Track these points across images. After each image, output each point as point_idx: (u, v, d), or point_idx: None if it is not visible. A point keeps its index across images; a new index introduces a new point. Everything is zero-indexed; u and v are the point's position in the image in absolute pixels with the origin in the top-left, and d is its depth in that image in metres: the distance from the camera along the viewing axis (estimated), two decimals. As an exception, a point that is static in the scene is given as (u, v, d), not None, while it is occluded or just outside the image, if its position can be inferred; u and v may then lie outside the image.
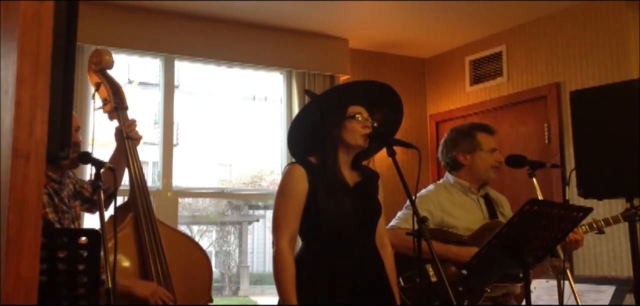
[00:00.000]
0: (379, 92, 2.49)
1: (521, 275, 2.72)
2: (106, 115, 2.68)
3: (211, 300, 2.66)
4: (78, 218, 2.48)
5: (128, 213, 2.51)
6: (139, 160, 2.62)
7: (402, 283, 2.66)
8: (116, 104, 2.62)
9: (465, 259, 2.68)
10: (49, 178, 2.28)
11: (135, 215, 2.51)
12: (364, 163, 2.51)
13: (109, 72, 2.70)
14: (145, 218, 2.51)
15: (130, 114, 2.69)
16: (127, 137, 2.60)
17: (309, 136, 2.43)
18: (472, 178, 2.95)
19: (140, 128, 2.71)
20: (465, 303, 2.64)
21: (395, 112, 2.54)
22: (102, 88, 2.64)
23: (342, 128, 2.37)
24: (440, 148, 3.09)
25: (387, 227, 2.70)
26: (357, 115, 2.36)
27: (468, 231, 2.83)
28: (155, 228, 2.51)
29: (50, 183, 2.28)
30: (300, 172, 2.35)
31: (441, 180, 3.07)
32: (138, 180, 2.56)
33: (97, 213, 2.74)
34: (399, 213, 2.92)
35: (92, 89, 2.69)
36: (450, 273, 2.69)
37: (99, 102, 2.69)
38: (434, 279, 2.69)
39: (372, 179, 2.50)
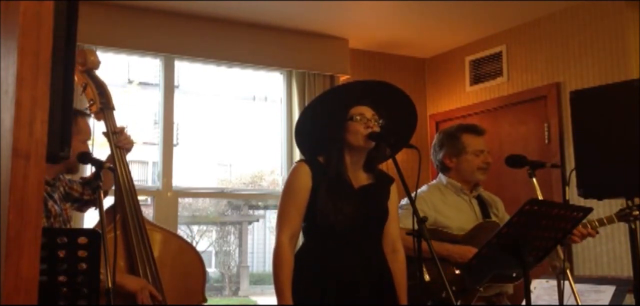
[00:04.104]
0: (384, 92, 2.49)
1: (514, 275, 2.75)
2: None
3: (205, 300, 2.66)
4: (69, 221, 2.47)
5: (115, 215, 2.51)
6: (126, 162, 2.62)
7: None
8: (102, 105, 2.62)
9: (458, 256, 2.70)
10: None
11: (123, 216, 2.51)
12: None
13: (97, 72, 2.70)
14: (133, 220, 2.51)
15: (130, 114, 2.69)
16: (117, 146, 2.60)
17: (316, 135, 2.44)
18: (461, 180, 2.95)
19: (140, 128, 2.71)
20: (458, 303, 2.63)
21: (405, 113, 2.54)
22: (88, 89, 2.64)
23: (344, 129, 2.37)
24: (431, 150, 3.10)
25: None
26: (357, 117, 2.36)
27: (461, 231, 2.83)
28: (143, 229, 2.51)
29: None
30: (305, 170, 2.37)
31: (435, 181, 3.07)
32: (125, 182, 2.55)
33: (84, 211, 2.75)
34: None
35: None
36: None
37: (86, 102, 2.69)
38: (427, 278, 2.69)
39: (384, 184, 2.49)
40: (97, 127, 2.72)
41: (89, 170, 3.04)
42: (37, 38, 0.99)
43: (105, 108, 2.63)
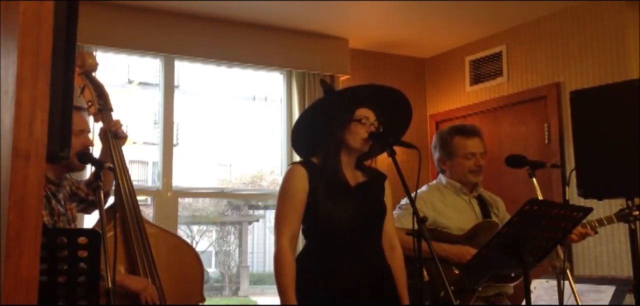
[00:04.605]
0: (386, 95, 2.49)
1: (513, 276, 2.75)
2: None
3: (203, 300, 2.66)
4: (74, 220, 2.47)
5: (115, 215, 2.51)
6: (125, 162, 2.62)
7: None
8: (100, 106, 2.63)
9: (456, 257, 2.70)
10: (46, 179, 2.27)
11: (122, 216, 2.51)
12: (366, 163, 2.51)
13: (95, 73, 2.70)
14: (132, 220, 2.51)
15: (130, 114, 2.70)
16: (113, 136, 2.60)
17: (314, 136, 2.44)
18: (457, 181, 2.95)
19: (140, 128, 2.72)
20: (457, 303, 2.63)
21: (404, 114, 2.54)
22: (87, 90, 2.65)
23: (345, 131, 2.37)
24: (431, 150, 3.11)
25: None
26: (363, 119, 2.36)
27: (460, 231, 2.83)
28: (143, 229, 2.51)
29: (47, 185, 2.27)
30: (301, 172, 2.36)
31: (435, 181, 3.08)
32: (124, 182, 2.55)
33: (90, 213, 2.76)
34: (394, 213, 2.92)
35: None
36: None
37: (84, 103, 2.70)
38: (426, 278, 2.69)
39: (378, 180, 2.49)
40: (97, 128, 2.72)
41: (89, 169, 3.04)
42: (37, 38, 0.99)
43: (103, 110, 2.63)
